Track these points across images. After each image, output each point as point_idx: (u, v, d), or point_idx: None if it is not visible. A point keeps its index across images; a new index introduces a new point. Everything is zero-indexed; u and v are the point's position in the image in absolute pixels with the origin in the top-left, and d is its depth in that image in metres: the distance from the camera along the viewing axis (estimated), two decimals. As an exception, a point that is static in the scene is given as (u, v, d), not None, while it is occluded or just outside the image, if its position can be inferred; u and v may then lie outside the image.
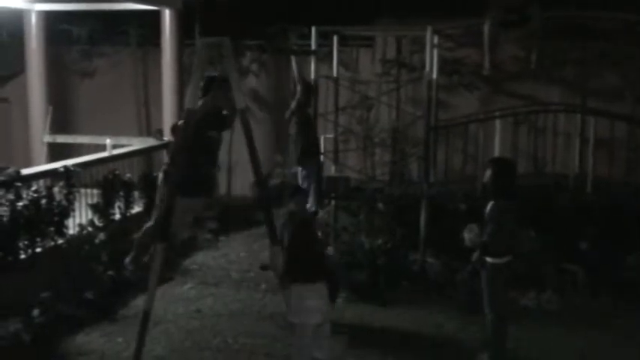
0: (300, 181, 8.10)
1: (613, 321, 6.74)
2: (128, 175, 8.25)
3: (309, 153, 8.20)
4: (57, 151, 10.01)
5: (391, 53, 10.55)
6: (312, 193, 7.95)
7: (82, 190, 7.62)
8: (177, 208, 6.43)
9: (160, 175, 6.70)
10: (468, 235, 5.61)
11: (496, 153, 8.26)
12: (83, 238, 7.22)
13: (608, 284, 7.33)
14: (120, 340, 6.19)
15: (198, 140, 5.93)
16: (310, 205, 7.95)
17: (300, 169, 8.20)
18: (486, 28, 8.30)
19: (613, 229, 7.62)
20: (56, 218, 6.87)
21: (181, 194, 6.17)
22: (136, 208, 8.32)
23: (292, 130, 8.11)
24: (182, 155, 5.70)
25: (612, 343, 6.25)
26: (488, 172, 5.64)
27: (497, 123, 8.45)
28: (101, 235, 7.33)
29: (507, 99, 9.91)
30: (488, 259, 5.57)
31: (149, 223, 6.75)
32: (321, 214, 8.95)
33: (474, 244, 5.59)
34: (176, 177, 5.72)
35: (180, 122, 6.36)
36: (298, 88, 8.02)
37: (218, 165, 6.98)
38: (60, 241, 6.92)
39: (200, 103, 6.54)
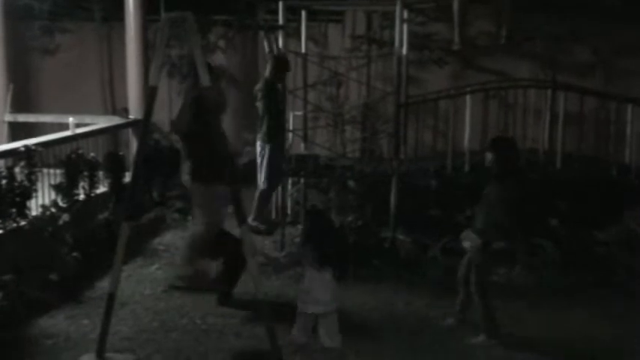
0: (259, 160, 7.93)
1: (581, 296, 6.78)
2: (92, 154, 8.08)
3: (275, 131, 8.00)
4: (18, 131, 9.77)
5: (361, 28, 10.44)
6: (265, 172, 7.77)
7: (45, 171, 7.44)
8: (206, 198, 6.28)
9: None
10: (469, 244, 5.64)
11: (466, 129, 8.24)
12: (46, 219, 7.06)
13: (578, 260, 7.37)
14: (86, 322, 6.09)
15: (200, 126, 5.78)
16: (262, 183, 7.80)
17: (262, 145, 7.94)
18: (456, 3, 8.23)
19: (582, 204, 7.65)
20: (18, 199, 6.70)
21: (205, 182, 6.03)
22: (101, 188, 8.16)
23: (259, 106, 7.94)
24: (191, 145, 5.55)
25: (579, 318, 6.28)
26: (489, 155, 5.66)
27: (468, 99, 8.42)
28: (65, 216, 7.18)
29: (477, 74, 9.88)
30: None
31: (197, 229, 6.46)
32: (289, 191, 8.88)
33: (475, 246, 5.57)
34: (194, 167, 5.56)
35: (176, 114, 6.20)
36: (267, 64, 7.86)
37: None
38: (22, 223, 6.76)
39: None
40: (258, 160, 7.87)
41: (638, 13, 9.04)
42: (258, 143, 7.83)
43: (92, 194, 7.87)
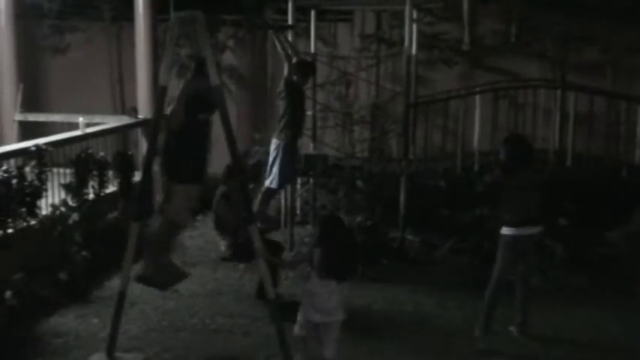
0: (271, 157, 7.84)
1: (589, 296, 6.77)
2: (102, 153, 8.10)
3: (292, 131, 7.91)
4: (28, 130, 9.79)
5: (370, 28, 10.43)
6: (277, 170, 7.68)
7: (55, 170, 7.46)
8: (178, 196, 6.31)
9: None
10: None
11: (476, 129, 8.22)
12: (56, 219, 7.07)
13: (587, 260, 7.35)
14: (95, 321, 6.11)
15: (188, 124, 5.76)
16: (269, 181, 7.70)
17: (276, 143, 7.85)
18: (465, 3, 8.21)
19: (592, 205, 7.62)
20: (28, 198, 6.72)
21: (179, 181, 6.04)
22: (111, 188, 8.17)
23: (280, 105, 7.83)
24: (173, 141, 5.57)
25: (588, 318, 6.27)
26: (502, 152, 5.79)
27: (477, 99, 8.40)
28: (74, 216, 7.19)
29: (487, 74, 9.86)
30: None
31: (157, 224, 6.43)
32: (299, 191, 8.88)
33: None
34: (171, 163, 5.56)
35: (170, 108, 6.17)
36: (286, 64, 7.79)
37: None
38: (32, 222, 6.77)
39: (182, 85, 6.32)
40: (270, 158, 7.79)
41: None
42: (273, 141, 7.71)
43: (101, 194, 7.88)
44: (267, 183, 7.65)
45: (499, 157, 5.80)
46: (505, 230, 5.65)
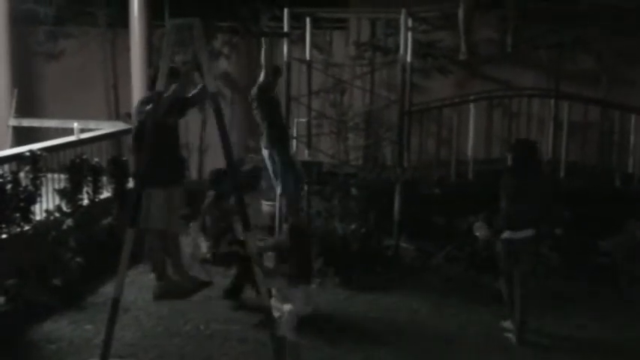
0: (269, 166, 7.84)
1: (585, 304, 6.78)
2: (96, 159, 8.08)
3: (279, 134, 7.89)
4: (23, 135, 9.76)
5: (365, 36, 10.45)
6: (290, 174, 7.66)
7: (49, 175, 7.44)
8: (156, 201, 6.35)
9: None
10: (481, 234, 6.03)
11: (470, 137, 8.25)
12: (50, 224, 7.06)
13: (581, 269, 7.37)
14: (89, 327, 6.09)
15: (159, 128, 5.75)
16: (287, 186, 7.66)
17: (269, 150, 7.84)
18: (461, 11, 8.24)
19: (586, 213, 7.65)
20: (22, 204, 6.70)
21: (156, 185, 6.03)
22: (105, 194, 8.15)
23: (256, 113, 7.82)
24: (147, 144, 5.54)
25: (583, 326, 6.29)
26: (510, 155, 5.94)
27: (472, 107, 8.43)
28: (69, 221, 7.18)
29: (482, 83, 9.89)
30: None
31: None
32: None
33: (487, 236, 6.04)
34: (144, 167, 5.53)
35: (148, 107, 6.15)
36: (262, 71, 7.80)
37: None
38: (26, 227, 6.75)
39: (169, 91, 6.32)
40: (270, 166, 7.75)
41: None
42: (264, 150, 7.73)
43: (96, 199, 7.87)
44: (279, 190, 7.61)
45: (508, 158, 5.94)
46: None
